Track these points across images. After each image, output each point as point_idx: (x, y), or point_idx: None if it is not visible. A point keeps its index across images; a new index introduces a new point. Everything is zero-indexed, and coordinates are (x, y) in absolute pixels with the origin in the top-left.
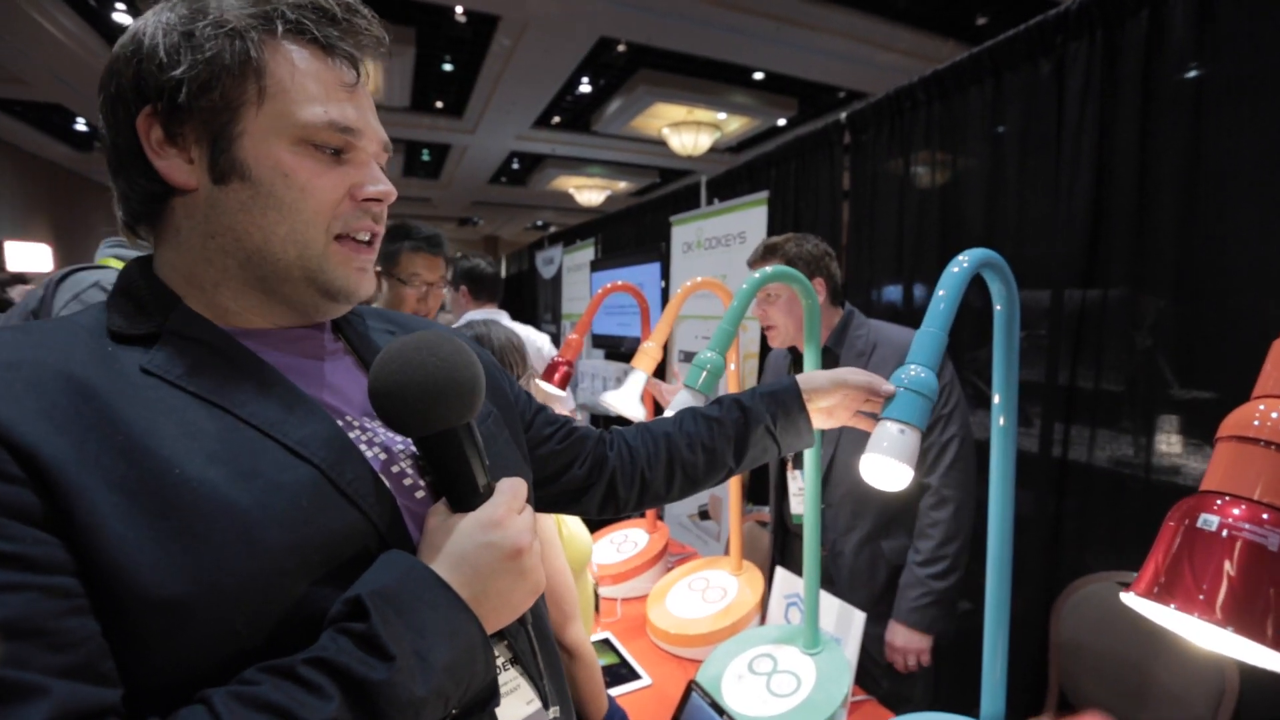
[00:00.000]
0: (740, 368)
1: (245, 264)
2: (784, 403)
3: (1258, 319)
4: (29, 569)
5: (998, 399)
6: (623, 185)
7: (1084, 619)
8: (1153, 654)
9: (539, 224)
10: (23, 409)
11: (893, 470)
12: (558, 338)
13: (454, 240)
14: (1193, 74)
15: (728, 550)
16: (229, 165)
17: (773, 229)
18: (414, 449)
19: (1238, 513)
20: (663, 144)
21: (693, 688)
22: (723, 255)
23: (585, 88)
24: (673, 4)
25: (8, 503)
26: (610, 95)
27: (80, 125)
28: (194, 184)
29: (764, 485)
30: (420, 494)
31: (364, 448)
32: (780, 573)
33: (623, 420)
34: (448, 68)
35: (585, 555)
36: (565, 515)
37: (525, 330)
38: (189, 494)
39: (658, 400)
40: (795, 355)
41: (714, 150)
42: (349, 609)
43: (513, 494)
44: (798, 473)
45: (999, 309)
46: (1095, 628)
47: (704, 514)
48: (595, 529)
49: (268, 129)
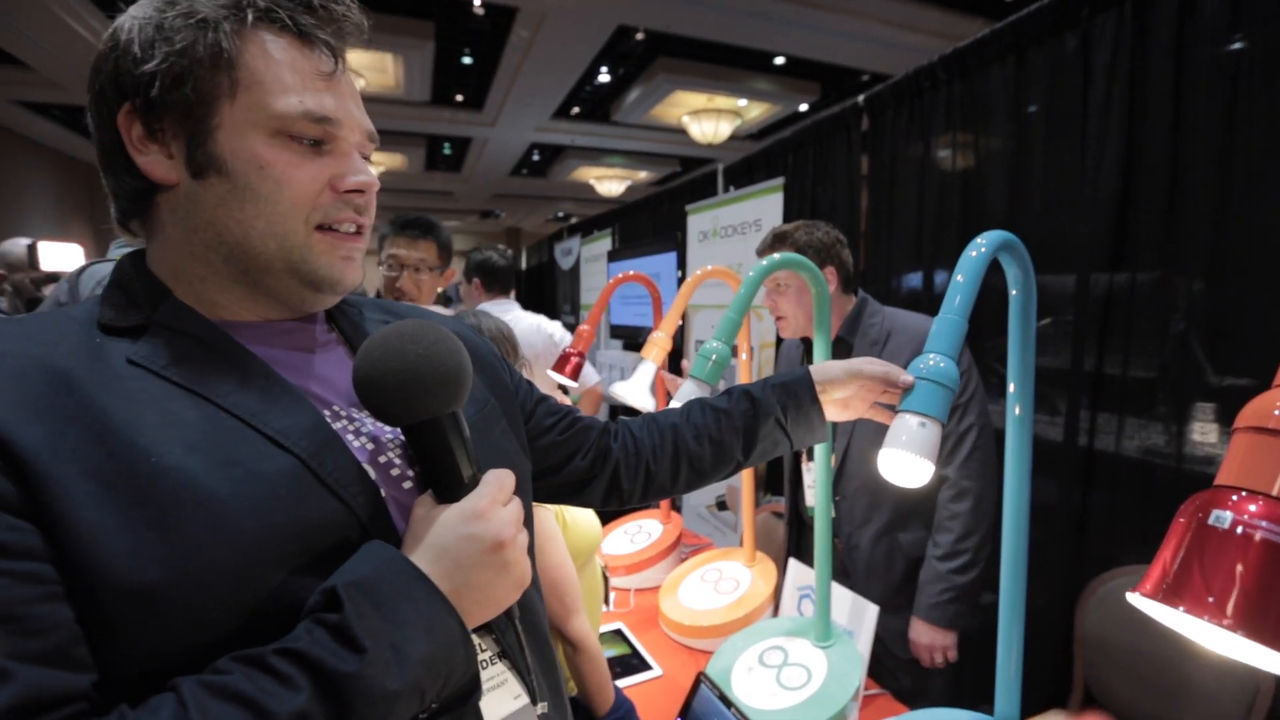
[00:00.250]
0: (757, 357)
1: (228, 258)
2: (795, 394)
3: None
4: (2, 555)
5: (1013, 387)
6: (643, 175)
7: (1110, 614)
8: (1181, 650)
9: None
10: (2, 399)
11: (913, 466)
12: (576, 329)
13: (476, 233)
14: (1231, 46)
15: (743, 542)
16: (205, 159)
17: (789, 216)
18: (403, 439)
19: (1254, 509)
20: (683, 132)
21: (701, 679)
22: (739, 243)
23: (604, 77)
24: None
25: None
26: (629, 84)
27: None
28: (174, 179)
29: (780, 476)
30: (408, 484)
31: (351, 438)
32: (793, 565)
33: (632, 412)
34: (467, 61)
35: (592, 544)
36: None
37: (536, 319)
38: (165, 483)
39: (670, 392)
40: (809, 345)
41: (735, 138)
42: (325, 600)
43: (498, 485)
44: (812, 464)
45: (1015, 294)
46: (1121, 623)
47: (721, 505)
48: (609, 519)
49: (243, 121)
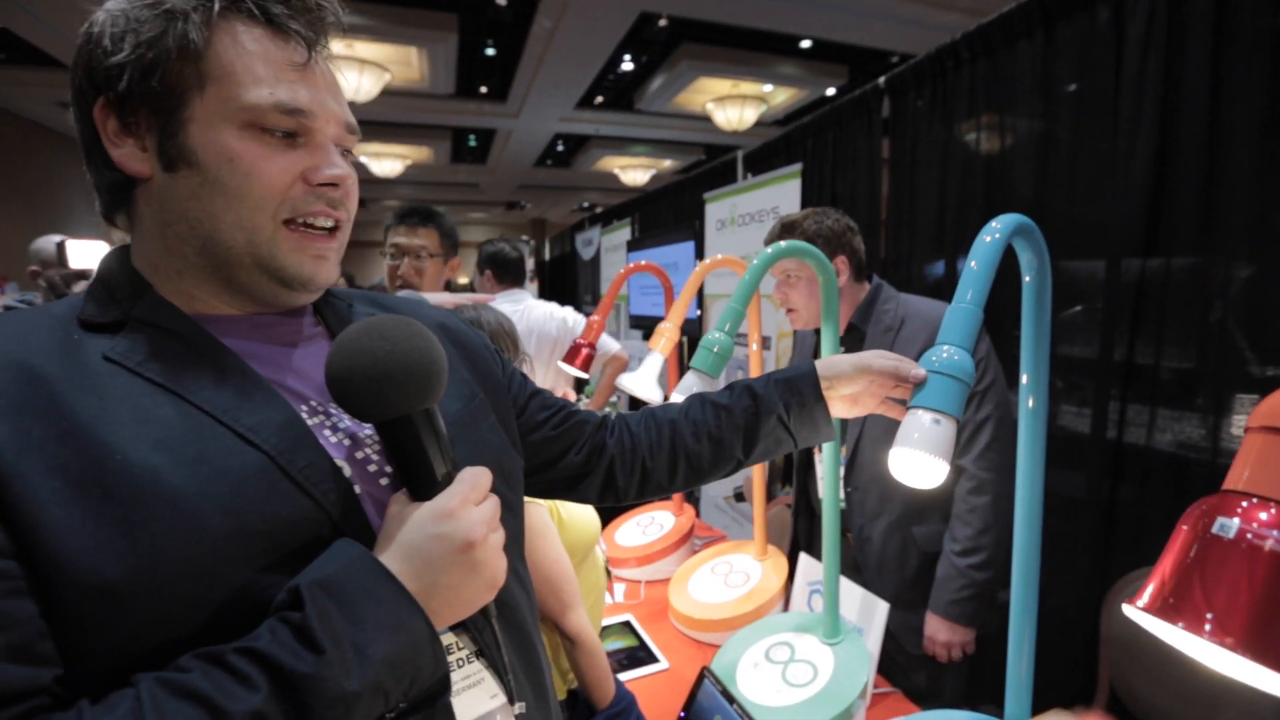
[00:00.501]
0: (775, 347)
1: (201, 252)
2: (799, 391)
3: None
4: None
5: (1026, 378)
6: (668, 163)
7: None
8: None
9: (585, 205)
10: None
11: (926, 465)
12: (588, 320)
13: (501, 225)
14: (1274, 18)
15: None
16: (177, 152)
17: (807, 202)
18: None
19: (1265, 518)
20: (707, 120)
21: (705, 674)
22: (757, 231)
23: (627, 65)
24: None
25: None
26: (653, 72)
27: None
28: (148, 172)
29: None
30: (385, 481)
31: (327, 434)
32: (804, 559)
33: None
34: (490, 52)
35: (589, 539)
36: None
37: (548, 306)
38: (130, 479)
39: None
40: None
41: (760, 124)
42: (289, 598)
43: (471, 484)
44: (822, 453)
45: (1028, 280)
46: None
47: (739, 496)
48: (619, 512)
49: (214, 114)
